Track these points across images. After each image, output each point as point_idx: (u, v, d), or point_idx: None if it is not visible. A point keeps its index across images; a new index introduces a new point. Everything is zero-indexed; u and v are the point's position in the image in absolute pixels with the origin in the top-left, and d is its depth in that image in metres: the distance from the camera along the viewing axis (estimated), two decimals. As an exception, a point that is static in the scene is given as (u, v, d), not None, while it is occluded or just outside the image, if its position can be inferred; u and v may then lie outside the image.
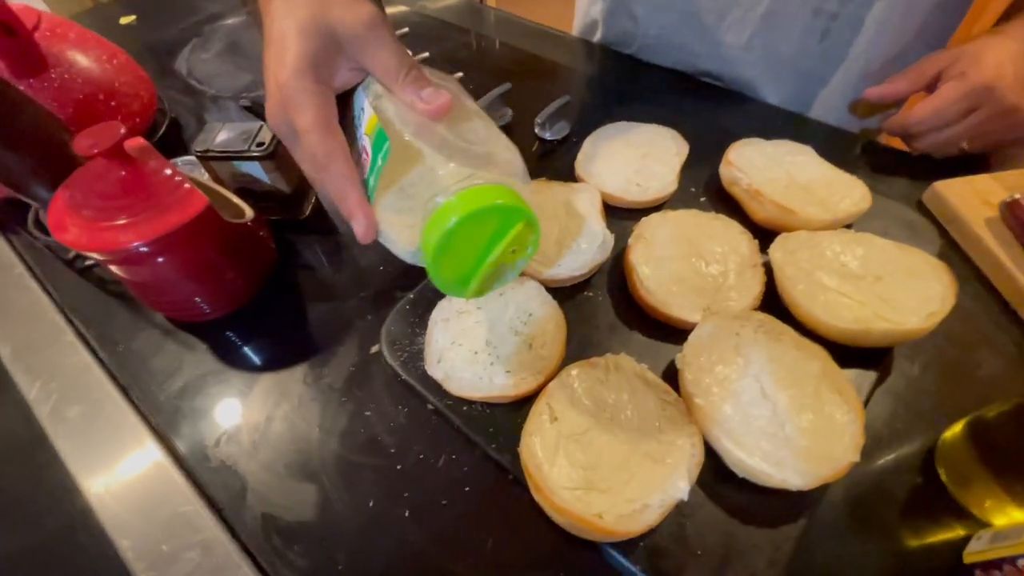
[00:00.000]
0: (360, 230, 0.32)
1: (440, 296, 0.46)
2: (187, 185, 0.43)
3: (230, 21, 0.92)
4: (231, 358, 0.47)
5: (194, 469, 0.41)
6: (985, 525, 0.35)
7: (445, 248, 0.29)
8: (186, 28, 0.89)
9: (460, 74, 0.66)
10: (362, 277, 0.52)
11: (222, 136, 0.51)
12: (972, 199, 0.50)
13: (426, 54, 0.70)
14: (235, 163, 0.51)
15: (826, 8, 0.58)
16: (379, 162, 0.32)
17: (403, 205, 0.31)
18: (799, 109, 0.65)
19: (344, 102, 0.36)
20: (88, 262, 0.54)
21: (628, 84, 0.69)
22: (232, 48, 0.85)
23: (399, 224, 0.32)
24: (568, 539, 0.36)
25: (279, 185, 0.53)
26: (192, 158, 0.58)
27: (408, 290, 0.48)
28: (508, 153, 0.32)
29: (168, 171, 0.43)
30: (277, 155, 0.50)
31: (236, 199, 0.51)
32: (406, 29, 0.74)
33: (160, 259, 0.43)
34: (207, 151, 0.50)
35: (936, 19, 0.59)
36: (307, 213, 0.57)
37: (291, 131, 0.33)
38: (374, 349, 0.46)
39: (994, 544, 0.32)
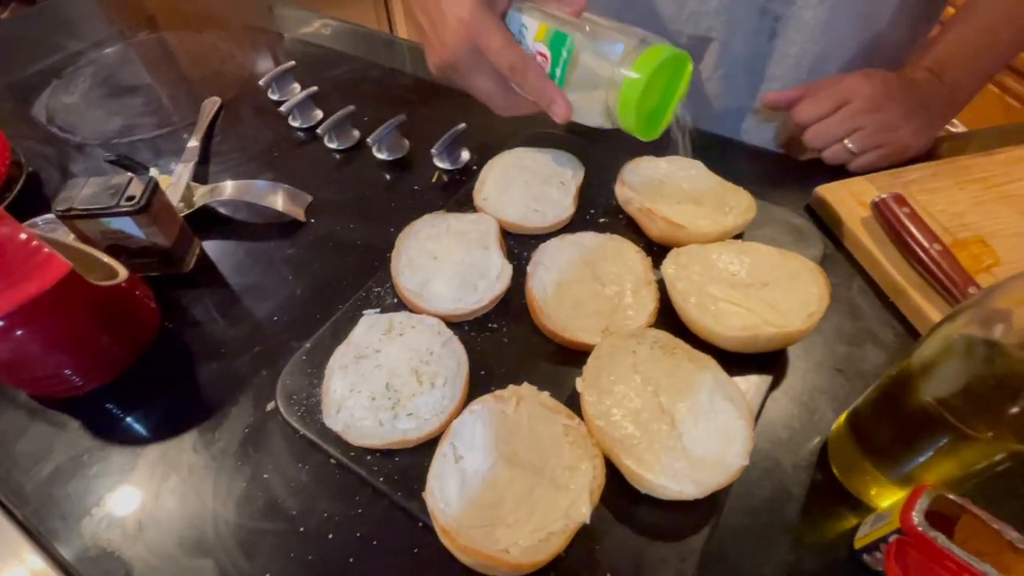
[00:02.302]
0: (562, 110, 0.46)
1: (337, 341, 0.48)
2: (46, 250, 0.43)
3: (106, 52, 0.91)
4: (111, 433, 0.47)
5: (70, 562, 0.40)
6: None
7: (643, 98, 0.43)
8: (44, 69, 0.88)
9: (352, 107, 0.69)
10: (256, 330, 0.53)
11: (87, 191, 0.51)
12: (849, 201, 0.58)
13: (314, 88, 0.73)
14: (103, 220, 0.51)
15: (771, 8, 0.66)
16: (563, 55, 0.45)
17: (589, 83, 0.46)
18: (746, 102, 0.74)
19: None
20: (-66, 342, 0.52)
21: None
22: (104, 85, 0.85)
23: (587, 99, 0.46)
24: (482, 580, 0.38)
25: (156, 240, 0.53)
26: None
27: (305, 339, 0.50)
28: (631, 26, 0.46)
29: (23, 236, 0.43)
30: (151, 208, 0.51)
31: (107, 258, 0.51)
32: (292, 63, 0.77)
33: (19, 332, 0.43)
34: (69, 209, 0.50)
35: (885, 33, 0.68)
36: (191, 266, 0.58)
37: (476, 56, 0.47)
38: (270, 406, 0.47)
39: (874, 527, 0.37)
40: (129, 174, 0.53)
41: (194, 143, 0.71)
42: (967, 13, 0.64)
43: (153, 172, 0.65)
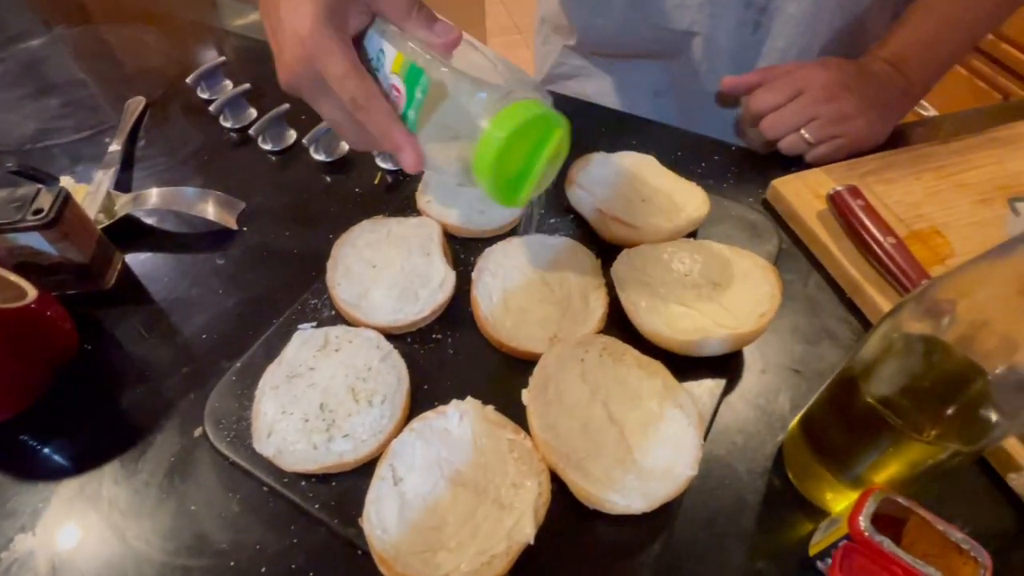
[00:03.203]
0: (409, 160, 0.40)
1: (269, 360, 0.47)
2: (-63, 273, 0.42)
3: (20, 48, 0.88)
4: (23, 467, 0.46)
5: (-25, 612, 0.39)
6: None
7: (500, 161, 0.37)
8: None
9: (287, 105, 0.68)
10: (184, 349, 0.52)
11: (-12, 205, 0.50)
12: (806, 193, 0.59)
13: (247, 85, 0.71)
14: (9, 236, 0.50)
15: (755, 1, 0.67)
16: (418, 95, 0.39)
17: (446, 133, 0.40)
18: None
19: None
20: None
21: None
22: (17, 86, 0.82)
23: (444, 151, 0.41)
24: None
25: (70, 255, 0.52)
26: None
27: (236, 358, 0.49)
28: (520, 72, 0.41)
29: (-89, 258, 0.42)
30: (62, 221, 0.50)
31: (14, 277, 0.50)
32: (223, 58, 0.75)
33: (-91, 365, 0.41)
34: (-32, 226, 0.49)
35: (870, 25, 0.70)
36: (112, 282, 0.56)
37: (318, 81, 0.40)
38: (198, 432, 0.46)
39: (826, 533, 0.38)
40: (37, 185, 0.51)
41: (116, 147, 0.69)
42: (926, 2, 0.66)
43: (69, 180, 0.63)
